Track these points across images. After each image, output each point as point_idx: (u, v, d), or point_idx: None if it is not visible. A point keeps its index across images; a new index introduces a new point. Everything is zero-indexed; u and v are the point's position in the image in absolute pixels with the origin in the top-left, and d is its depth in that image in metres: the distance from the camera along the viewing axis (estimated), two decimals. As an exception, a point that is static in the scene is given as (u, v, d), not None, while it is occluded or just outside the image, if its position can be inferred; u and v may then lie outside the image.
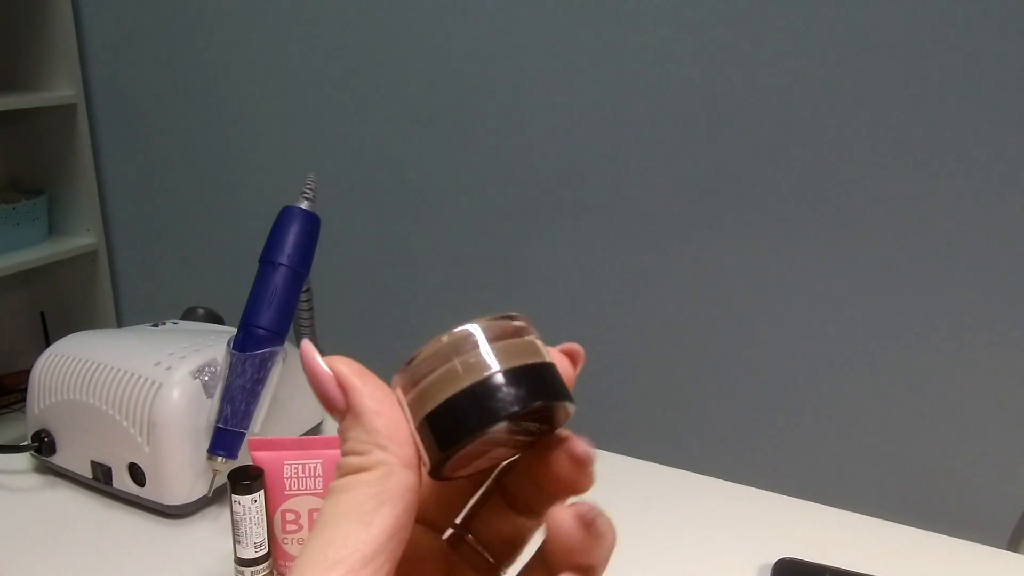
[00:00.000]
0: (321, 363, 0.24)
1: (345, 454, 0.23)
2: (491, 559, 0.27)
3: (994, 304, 1.14)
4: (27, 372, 1.91)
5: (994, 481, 1.19)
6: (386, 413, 0.23)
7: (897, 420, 1.23)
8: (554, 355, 0.26)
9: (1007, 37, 1.05)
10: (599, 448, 0.73)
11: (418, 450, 0.24)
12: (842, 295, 1.22)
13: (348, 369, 0.24)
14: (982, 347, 1.16)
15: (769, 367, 1.29)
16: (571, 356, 0.27)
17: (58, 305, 1.92)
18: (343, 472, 0.23)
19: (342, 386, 0.24)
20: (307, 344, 0.25)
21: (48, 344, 1.87)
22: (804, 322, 1.25)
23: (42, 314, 1.92)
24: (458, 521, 0.28)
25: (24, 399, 1.83)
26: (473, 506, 0.28)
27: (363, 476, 0.22)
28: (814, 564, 0.62)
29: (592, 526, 0.23)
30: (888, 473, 1.26)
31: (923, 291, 1.18)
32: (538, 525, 0.27)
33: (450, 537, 0.28)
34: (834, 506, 0.71)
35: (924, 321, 1.18)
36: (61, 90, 1.71)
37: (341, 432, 0.24)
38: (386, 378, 0.26)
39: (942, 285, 1.16)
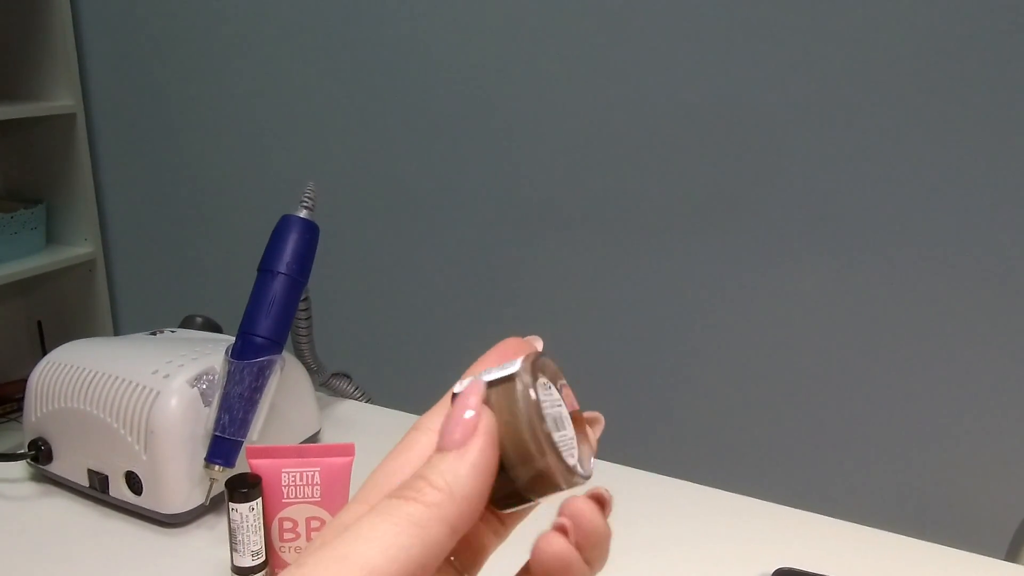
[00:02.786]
0: (479, 411, 0.24)
1: (420, 476, 0.23)
2: (456, 566, 0.27)
3: (992, 316, 1.15)
4: (23, 382, 1.90)
5: (992, 491, 1.19)
6: (482, 482, 0.23)
7: (895, 431, 1.23)
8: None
9: (1009, 48, 1.06)
10: (599, 458, 0.73)
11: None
12: (841, 307, 1.22)
13: (489, 425, 0.24)
14: (980, 358, 1.16)
15: (768, 378, 1.29)
16: (600, 502, 0.26)
17: (55, 314, 1.92)
18: (403, 491, 0.23)
19: (476, 432, 0.24)
20: (480, 388, 0.24)
21: (45, 353, 1.87)
22: (803, 333, 1.26)
23: (39, 323, 1.92)
24: None
25: (20, 409, 1.82)
26: None
27: (414, 507, 0.22)
28: (813, 574, 0.62)
29: (607, 505, 0.25)
30: (886, 484, 1.26)
31: (921, 304, 1.18)
32: (501, 539, 0.28)
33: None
34: (833, 516, 0.71)
35: (923, 333, 1.19)
36: (60, 100, 1.71)
37: (434, 459, 0.24)
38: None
39: (940, 298, 1.17)
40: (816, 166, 1.19)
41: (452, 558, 0.27)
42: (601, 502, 0.25)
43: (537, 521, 0.27)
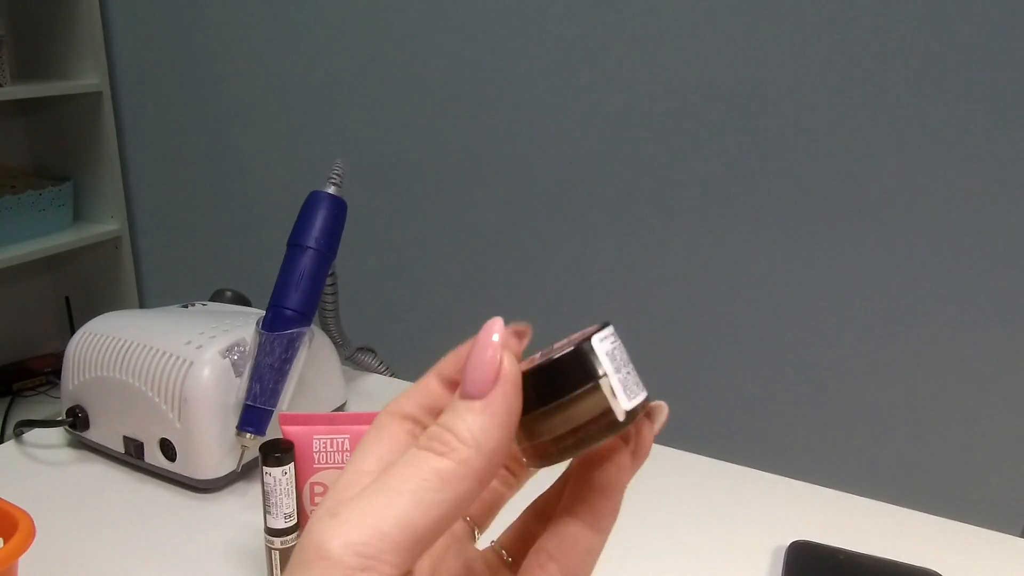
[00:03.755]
0: (500, 349, 0.23)
1: (446, 428, 0.23)
2: (467, 520, 0.29)
3: (1012, 293, 1.14)
4: (52, 356, 1.94)
5: (1008, 468, 1.20)
6: (507, 432, 0.23)
7: (912, 408, 1.24)
8: None
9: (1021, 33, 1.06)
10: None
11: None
12: (859, 284, 1.23)
13: (511, 370, 0.23)
14: (998, 334, 1.16)
15: (786, 354, 1.30)
16: (649, 415, 0.27)
17: (82, 290, 1.95)
18: (430, 442, 0.23)
19: (499, 379, 0.23)
20: (499, 323, 0.24)
21: (73, 329, 1.91)
22: (820, 309, 1.26)
23: (67, 299, 1.96)
24: None
25: (49, 382, 1.86)
26: None
27: (444, 463, 0.22)
28: (828, 547, 0.63)
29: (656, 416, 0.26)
30: (902, 459, 1.26)
31: (941, 281, 1.18)
32: (512, 493, 0.29)
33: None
34: (848, 492, 0.72)
35: (940, 308, 1.19)
36: (87, 78, 1.74)
37: (458, 409, 0.23)
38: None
39: (961, 274, 1.17)
40: (835, 153, 1.19)
41: (466, 516, 0.29)
42: (653, 417, 0.26)
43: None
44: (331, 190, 0.72)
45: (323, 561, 0.21)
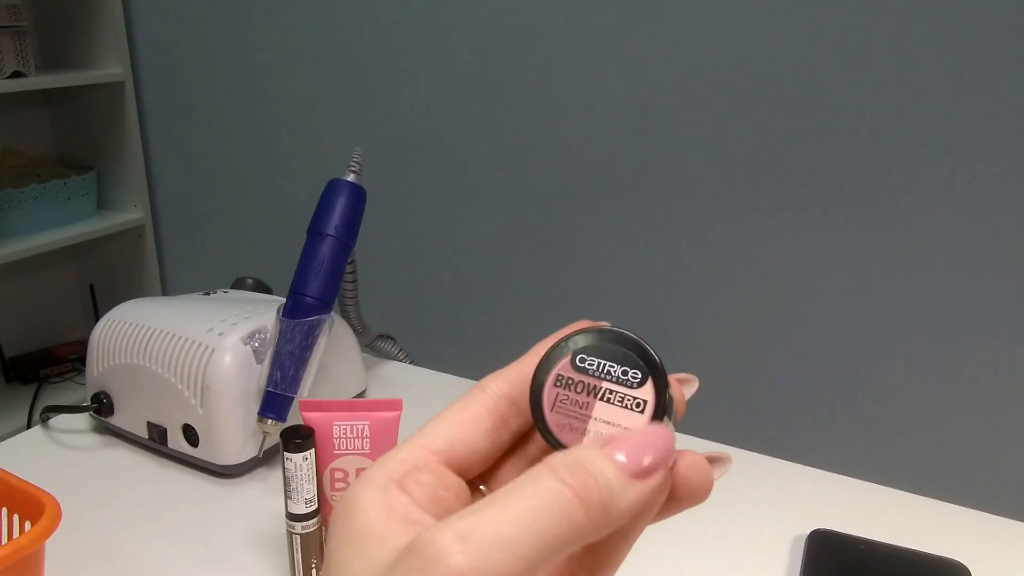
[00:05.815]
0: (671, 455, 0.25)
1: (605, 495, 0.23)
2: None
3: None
4: (77, 343, 1.97)
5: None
6: (646, 516, 0.26)
7: (936, 394, 1.22)
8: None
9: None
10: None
11: None
12: (883, 274, 1.21)
13: (666, 479, 0.25)
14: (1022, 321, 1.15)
15: (807, 341, 1.29)
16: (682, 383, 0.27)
17: (106, 278, 1.98)
18: (558, 469, 0.22)
19: (656, 473, 0.24)
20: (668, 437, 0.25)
21: (97, 316, 1.93)
22: (842, 296, 1.25)
23: (91, 287, 1.98)
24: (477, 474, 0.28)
25: (75, 369, 1.89)
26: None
27: (579, 515, 0.22)
28: (848, 536, 0.63)
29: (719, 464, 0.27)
30: (926, 448, 1.25)
31: (966, 267, 1.16)
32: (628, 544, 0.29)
33: (469, 487, 0.28)
34: (871, 481, 0.72)
35: (965, 294, 1.17)
36: (109, 68, 1.75)
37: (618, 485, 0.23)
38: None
39: (986, 261, 1.15)
40: (867, 137, 1.18)
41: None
42: (713, 462, 0.27)
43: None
44: (351, 178, 0.72)
45: (440, 568, 0.20)
